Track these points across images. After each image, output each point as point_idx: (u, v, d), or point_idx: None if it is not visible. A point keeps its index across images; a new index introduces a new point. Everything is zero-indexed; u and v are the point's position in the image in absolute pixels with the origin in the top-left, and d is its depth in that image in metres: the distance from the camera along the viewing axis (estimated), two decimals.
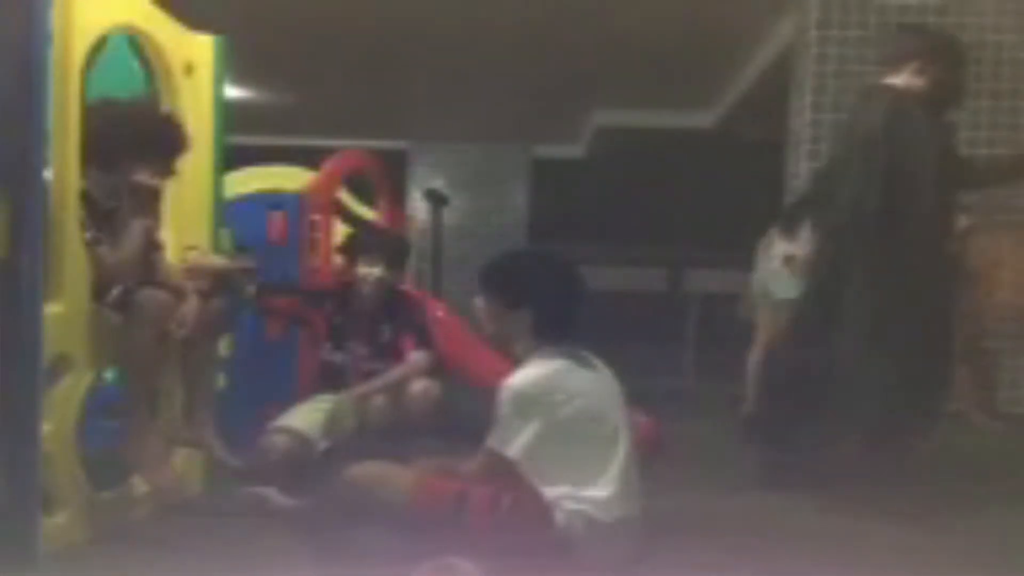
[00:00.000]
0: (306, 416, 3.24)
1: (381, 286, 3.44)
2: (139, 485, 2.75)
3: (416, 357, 3.38)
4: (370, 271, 3.41)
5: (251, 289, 3.22)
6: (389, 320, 3.45)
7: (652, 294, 9.39)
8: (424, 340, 3.44)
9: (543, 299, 2.40)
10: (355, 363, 3.45)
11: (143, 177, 2.74)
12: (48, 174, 2.31)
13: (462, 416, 3.40)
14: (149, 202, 2.83)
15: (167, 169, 2.79)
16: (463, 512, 2.21)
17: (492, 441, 2.27)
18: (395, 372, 3.34)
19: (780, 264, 5.38)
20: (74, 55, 2.44)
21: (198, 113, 3.03)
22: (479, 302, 2.48)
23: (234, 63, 3.47)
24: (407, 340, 3.43)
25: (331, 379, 3.43)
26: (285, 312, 3.90)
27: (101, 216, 2.64)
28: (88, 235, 2.55)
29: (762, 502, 3.16)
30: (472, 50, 6.97)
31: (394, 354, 3.41)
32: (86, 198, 2.58)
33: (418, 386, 3.30)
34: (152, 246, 2.82)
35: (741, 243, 5.95)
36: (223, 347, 3.40)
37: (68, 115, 2.41)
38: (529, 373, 2.31)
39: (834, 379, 3.23)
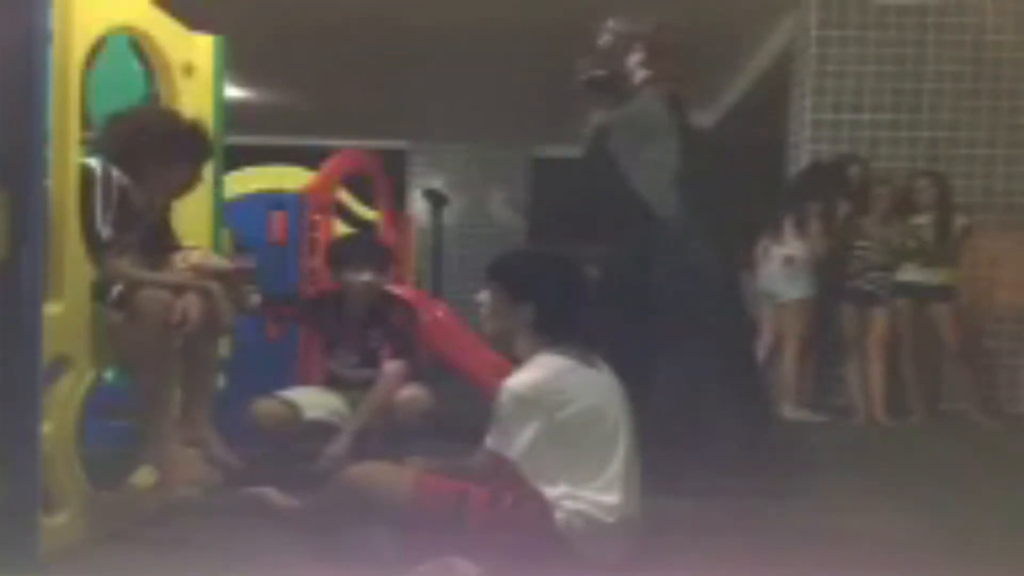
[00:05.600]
0: (298, 391, 3.38)
1: (366, 291, 3.43)
2: (140, 484, 2.76)
3: (389, 369, 3.33)
4: (357, 278, 3.41)
5: (256, 299, 3.23)
6: (376, 326, 3.44)
7: None
8: (401, 348, 3.39)
9: (547, 294, 2.40)
10: (347, 371, 3.46)
11: (173, 182, 2.78)
12: (48, 174, 2.31)
13: (450, 420, 3.41)
14: (170, 207, 2.88)
15: (196, 174, 2.84)
16: (463, 512, 2.21)
17: (491, 442, 2.27)
18: (377, 394, 3.29)
19: (780, 265, 5.39)
20: (74, 55, 2.44)
21: (198, 113, 3.03)
22: (483, 297, 2.48)
23: (234, 63, 3.47)
24: (388, 347, 3.40)
25: (332, 386, 3.47)
26: (288, 319, 3.92)
27: (127, 220, 2.65)
28: (107, 234, 2.56)
29: (762, 502, 3.16)
30: (472, 50, 6.98)
31: (380, 361, 3.38)
32: (120, 201, 2.60)
33: (404, 395, 3.29)
34: (168, 247, 2.83)
35: (741, 243, 5.95)
36: (223, 347, 3.40)
37: (68, 115, 2.41)
38: (528, 375, 2.30)
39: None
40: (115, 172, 2.62)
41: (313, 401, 3.35)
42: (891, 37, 5.69)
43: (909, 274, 5.26)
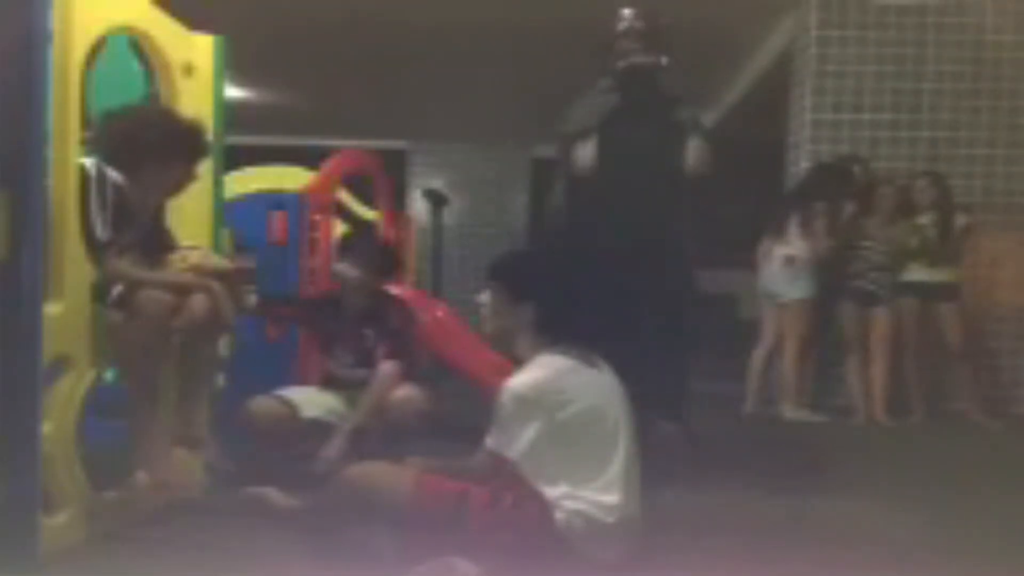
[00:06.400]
0: (294, 391, 3.37)
1: (360, 289, 3.43)
2: (140, 484, 2.75)
3: (383, 369, 3.32)
4: (348, 273, 3.41)
5: (252, 299, 3.23)
6: (372, 326, 3.43)
7: None
8: (395, 348, 3.37)
9: (548, 294, 2.40)
10: (343, 371, 3.45)
11: (169, 180, 2.78)
12: (48, 174, 2.31)
13: (449, 420, 3.40)
14: (166, 207, 2.89)
15: (191, 172, 2.84)
16: (463, 512, 2.20)
17: (492, 442, 2.27)
18: (371, 394, 3.28)
19: (782, 265, 5.39)
20: (74, 55, 2.43)
21: (198, 113, 3.03)
22: (484, 297, 2.48)
23: (234, 63, 3.47)
24: (383, 347, 3.38)
25: (330, 386, 3.47)
26: (286, 318, 3.91)
27: (124, 220, 2.65)
28: (105, 236, 2.56)
29: (762, 502, 3.16)
30: (472, 50, 6.97)
31: (376, 361, 3.37)
32: (116, 201, 2.60)
33: (399, 395, 3.27)
34: (166, 247, 2.84)
35: (741, 243, 5.96)
36: (223, 347, 3.40)
37: (68, 115, 2.41)
38: (529, 375, 2.30)
39: None
40: (110, 172, 2.61)
41: (310, 400, 3.34)
42: (891, 37, 5.69)
43: (912, 273, 5.27)
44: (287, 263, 4.21)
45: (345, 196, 5.53)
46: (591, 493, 2.24)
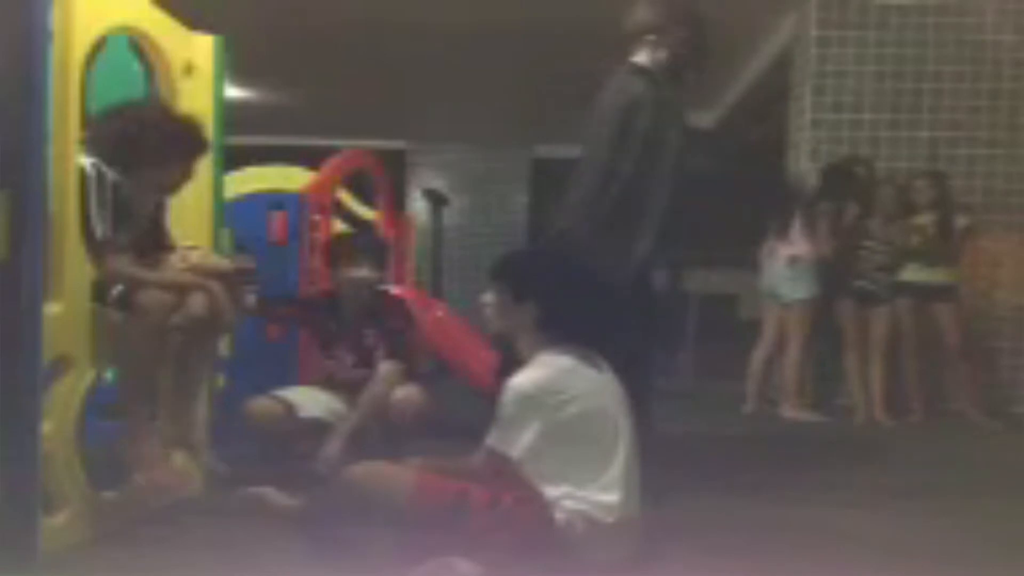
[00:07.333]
0: (293, 391, 3.36)
1: (363, 289, 3.43)
2: (139, 484, 2.75)
3: (382, 369, 3.32)
4: (354, 274, 3.41)
5: (251, 299, 3.23)
6: (372, 326, 3.43)
7: None
8: (395, 348, 3.37)
9: (550, 294, 2.40)
10: (343, 371, 3.45)
11: (166, 178, 2.78)
12: (48, 174, 2.31)
13: (448, 419, 3.40)
14: (166, 203, 2.88)
15: (188, 170, 2.83)
16: (463, 512, 2.20)
17: (494, 441, 2.27)
18: (369, 394, 3.27)
19: (785, 266, 5.39)
20: (74, 55, 2.43)
21: (198, 113, 3.03)
22: (487, 297, 2.48)
23: (234, 63, 3.47)
24: (382, 347, 3.38)
25: (330, 386, 3.47)
26: (286, 318, 3.91)
27: (123, 219, 2.64)
28: (105, 235, 2.56)
29: (762, 502, 3.16)
30: (472, 50, 6.98)
31: (376, 361, 3.37)
32: (113, 201, 2.60)
33: (398, 395, 3.27)
34: (163, 246, 2.83)
35: (741, 243, 5.96)
36: (223, 347, 3.40)
37: (68, 115, 2.41)
38: (532, 373, 2.30)
39: None
40: (108, 171, 2.61)
41: (310, 400, 3.34)
42: (891, 37, 5.69)
43: (911, 273, 5.26)
44: (287, 263, 4.20)
45: (345, 196, 5.52)
46: (591, 493, 2.24)
